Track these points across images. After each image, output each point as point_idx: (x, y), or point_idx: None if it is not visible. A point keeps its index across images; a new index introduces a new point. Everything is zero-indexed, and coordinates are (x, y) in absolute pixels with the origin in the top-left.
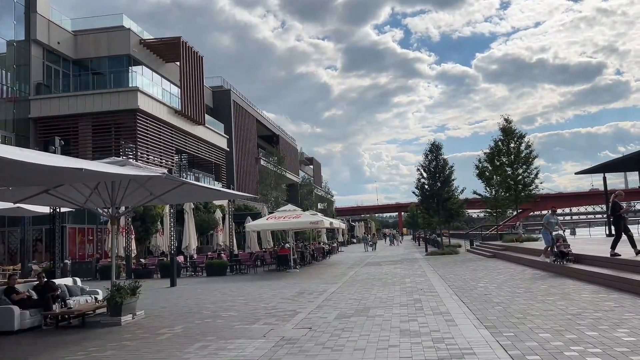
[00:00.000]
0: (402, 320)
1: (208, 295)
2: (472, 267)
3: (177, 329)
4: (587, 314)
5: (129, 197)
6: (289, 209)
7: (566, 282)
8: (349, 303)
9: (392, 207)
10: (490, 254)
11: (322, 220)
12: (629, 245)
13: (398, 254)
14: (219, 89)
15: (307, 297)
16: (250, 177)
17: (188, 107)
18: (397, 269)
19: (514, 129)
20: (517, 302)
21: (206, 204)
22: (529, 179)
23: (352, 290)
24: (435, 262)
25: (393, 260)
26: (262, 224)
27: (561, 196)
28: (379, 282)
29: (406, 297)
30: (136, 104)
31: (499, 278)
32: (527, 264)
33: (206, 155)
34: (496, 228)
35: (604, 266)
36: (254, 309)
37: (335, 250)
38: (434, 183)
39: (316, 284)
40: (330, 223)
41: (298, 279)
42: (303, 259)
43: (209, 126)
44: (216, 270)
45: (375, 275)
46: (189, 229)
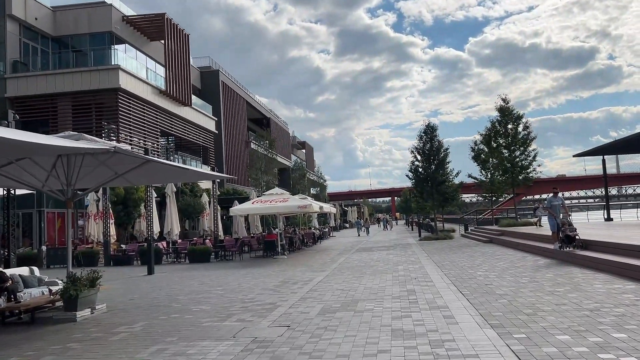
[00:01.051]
0: (395, 317)
1: (184, 284)
2: (468, 253)
3: (136, 327)
4: (606, 309)
5: (89, 177)
6: (276, 192)
7: (573, 271)
8: (335, 294)
9: (385, 191)
10: (487, 239)
11: (311, 205)
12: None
13: (391, 239)
14: (207, 69)
15: (291, 288)
16: (240, 160)
17: (173, 87)
18: (390, 255)
19: (512, 110)
20: (524, 294)
21: (192, 187)
22: (526, 162)
23: (340, 280)
24: (429, 247)
25: (385, 245)
26: (247, 208)
27: (556, 180)
28: (370, 270)
29: (399, 287)
30: (117, 83)
31: (499, 265)
32: (526, 250)
33: (193, 137)
34: (491, 212)
35: (614, 253)
36: (230, 301)
37: (327, 236)
38: (429, 166)
39: (302, 272)
40: (320, 207)
41: (284, 266)
42: (292, 244)
43: (196, 107)
44: (199, 257)
45: (366, 262)
46: (171, 214)
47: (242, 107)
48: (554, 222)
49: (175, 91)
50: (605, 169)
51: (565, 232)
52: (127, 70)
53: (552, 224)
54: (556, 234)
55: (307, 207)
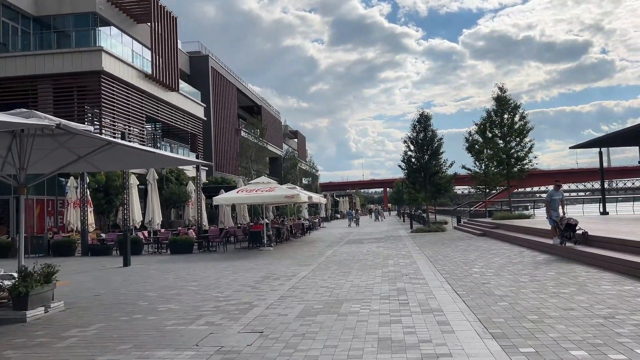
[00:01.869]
0: (382, 322)
1: (159, 278)
2: (462, 247)
3: (90, 330)
4: (622, 316)
5: (47, 160)
6: (262, 181)
7: (576, 269)
8: (319, 293)
9: (377, 182)
10: (480, 232)
11: (299, 194)
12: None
13: (382, 231)
14: (196, 54)
15: (272, 284)
16: (229, 148)
17: (160, 72)
18: (380, 248)
19: (509, 99)
20: (525, 296)
21: (178, 175)
22: (522, 153)
23: (326, 275)
24: (421, 240)
25: (376, 237)
26: (231, 197)
27: (549, 173)
28: (358, 265)
29: (388, 285)
30: (100, 66)
31: (495, 261)
32: (523, 245)
33: (181, 124)
34: (484, 204)
35: (620, 250)
36: (203, 300)
37: (317, 226)
38: (422, 156)
39: (287, 265)
40: (309, 197)
41: (269, 258)
42: (279, 235)
43: (184, 93)
44: (181, 248)
45: (355, 256)
46: (153, 202)
47: (233, 94)
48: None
49: (162, 75)
50: (602, 161)
51: (564, 223)
52: (111, 52)
53: (554, 217)
54: (555, 229)
55: (295, 197)
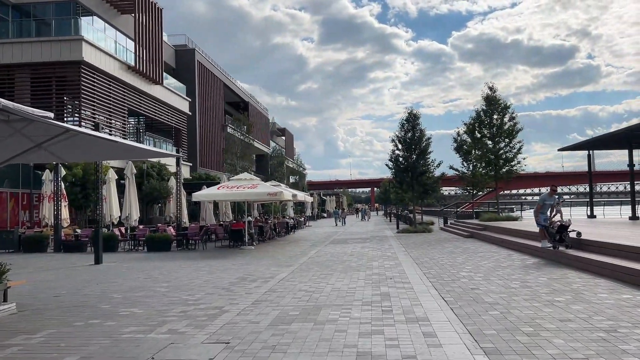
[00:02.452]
0: (363, 333)
1: (128, 278)
2: (449, 249)
3: (37, 338)
4: (624, 329)
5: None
6: (244, 177)
7: (568, 274)
8: (296, 297)
9: (364, 182)
10: (467, 233)
11: (282, 192)
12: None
13: (368, 231)
14: (182, 48)
15: (247, 287)
16: (215, 144)
17: (144, 64)
18: (365, 249)
19: (498, 99)
20: (518, 304)
21: (160, 170)
22: (510, 154)
23: (306, 278)
24: (407, 241)
25: (362, 237)
26: (211, 193)
27: (535, 176)
28: (341, 266)
29: (371, 289)
30: (80, 56)
31: (484, 265)
32: (511, 247)
33: (165, 118)
34: (471, 205)
35: (615, 255)
36: (170, 303)
37: (302, 225)
38: (410, 155)
39: (266, 266)
40: (293, 195)
41: (249, 258)
42: (262, 234)
43: (169, 87)
44: (158, 245)
45: (339, 257)
46: (130, 197)
47: (219, 89)
48: (541, 219)
49: (145, 68)
50: (590, 164)
51: (556, 226)
52: (92, 42)
53: (542, 219)
54: (543, 232)
55: (278, 195)
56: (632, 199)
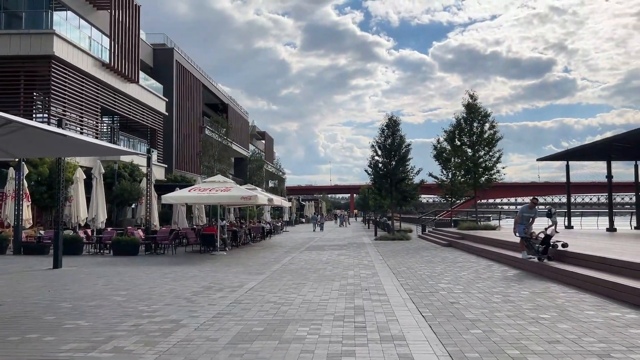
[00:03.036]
0: (332, 354)
1: (85, 285)
2: (427, 258)
3: None
4: (618, 354)
5: None
6: (218, 180)
7: (551, 288)
8: (263, 310)
9: (344, 188)
10: (446, 242)
11: (257, 196)
12: (619, 240)
13: (345, 237)
14: (160, 46)
15: (211, 297)
16: (192, 146)
17: (119, 61)
18: (341, 257)
19: (479, 107)
20: (501, 321)
21: (132, 171)
22: (490, 163)
23: (277, 288)
24: (384, 248)
25: (339, 244)
26: (182, 196)
27: (512, 185)
28: (315, 275)
29: (345, 301)
30: (51, 50)
31: (463, 276)
32: (490, 257)
33: (140, 118)
34: (450, 213)
35: (598, 268)
36: (124, 315)
37: (279, 230)
38: (389, 162)
39: (236, 274)
40: (269, 200)
41: (219, 265)
42: (236, 239)
43: (145, 86)
44: (125, 249)
45: (313, 264)
46: (97, 198)
47: (198, 90)
48: (523, 229)
49: (120, 65)
50: (568, 174)
51: (539, 237)
52: (65, 37)
53: (521, 230)
54: (524, 243)
55: (252, 199)
56: (610, 210)
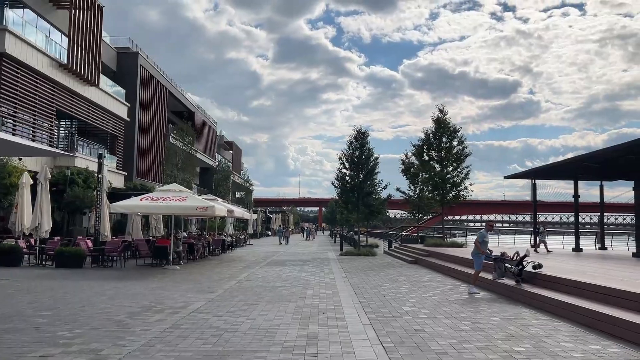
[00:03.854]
0: None
1: (8, 302)
2: (392, 276)
3: None
4: None
5: None
6: (173, 189)
7: (523, 314)
8: (202, 338)
9: (313, 201)
10: (412, 259)
11: (214, 207)
12: (587, 261)
13: (310, 252)
14: (125, 50)
15: (147, 320)
16: (155, 154)
17: (78, 63)
18: (302, 273)
19: (448, 122)
20: (471, 355)
21: (86, 177)
22: (458, 179)
23: (225, 309)
24: (349, 264)
25: (302, 259)
26: (132, 205)
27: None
28: (270, 295)
29: (298, 327)
30: (3, 47)
31: (429, 297)
32: (458, 277)
33: (100, 123)
34: (417, 229)
35: (572, 293)
36: (37, 341)
37: (242, 243)
38: (357, 175)
39: (184, 292)
40: (229, 211)
41: (167, 280)
42: (192, 252)
43: (105, 90)
44: (69, 261)
45: (271, 282)
46: (42, 205)
47: (164, 97)
48: (480, 261)
49: (79, 67)
50: (535, 193)
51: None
52: (18, 34)
53: (479, 263)
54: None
55: (209, 210)
56: (576, 230)
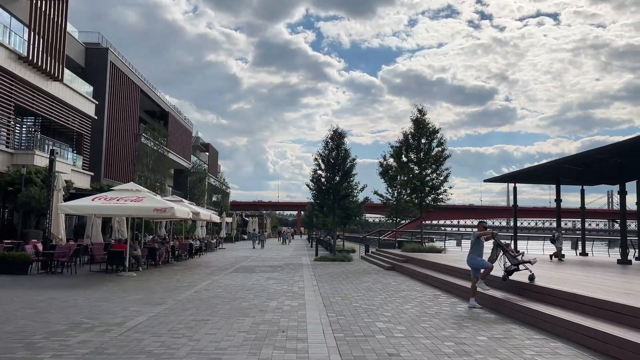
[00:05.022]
0: None
1: None
2: (366, 285)
3: None
4: None
5: None
6: (130, 188)
7: (513, 331)
8: None
9: (292, 205)
10: (389, 265)
11: (172, 208)
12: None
13: (284, 257)
14: (94, 46)
15: (66, 343)
16: (125, 154)
17: (39, 55)
18: (271, 281)
19: (427, 123)
20: None
21: (46, 177)
22: (437, 182)
23: (168, 327)
24: (323, 270)
25: (273, 265)
26: (81, 205)
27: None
28: (227, 308)
29: (248, 352)
30: None
31: (406, 311)
32: (437, 286)
33: (64, 120)
34: (394, 233)
35: (569, 308)
36: None
37: (214, 247)
38: (333, 177)
39: (129, 304)
40: (194, 214)
41: (116, 290)
42: (154, 257)
43: (70, 85)
44: (12, 267)
45: (233, 292)
46: None
47: (135, 95)
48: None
49: (41, 60)
50: (515, 197)
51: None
52: None
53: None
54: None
55: (168, 211)
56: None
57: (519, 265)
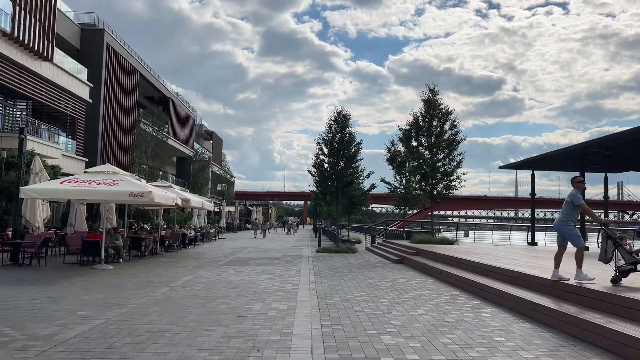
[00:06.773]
0: None
1: None
2: (371, 282)
3: None
4: None
5: None
6: (105, 170)
7: (562, 348)
8: None
9: (297, 194)
10: (397, 258)
11: (151, 192)
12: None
13: (285, 247)
14: (90, 27)
15: None
16: (122, 140)
17: (27, 33)
18: (263, 276)
19: (440, 103)
20: None
21: (30, 161)
22: (450, 167)
23: (110, 341)
24: (323, 263)
25: (271, 256)
26: (48, 189)
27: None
28: (200, 311)
29: None
30: None
31: (419, 318)
32: (453, 283)
33: (56, 103)
34: (402, 223)
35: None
36: None
37: (212, 237)
38: (336, 162)
39: (78, 306)
40: (184, 201)
41: (78, 286)
42: (138, 247)
43: (62, 66)
44: None
45: (215, 289)
46: None
47: (134, 79)
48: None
49: (29, 38)
50: (533, 185)
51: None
52: None
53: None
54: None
55: (145, 196)
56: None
57: (637, 264)
